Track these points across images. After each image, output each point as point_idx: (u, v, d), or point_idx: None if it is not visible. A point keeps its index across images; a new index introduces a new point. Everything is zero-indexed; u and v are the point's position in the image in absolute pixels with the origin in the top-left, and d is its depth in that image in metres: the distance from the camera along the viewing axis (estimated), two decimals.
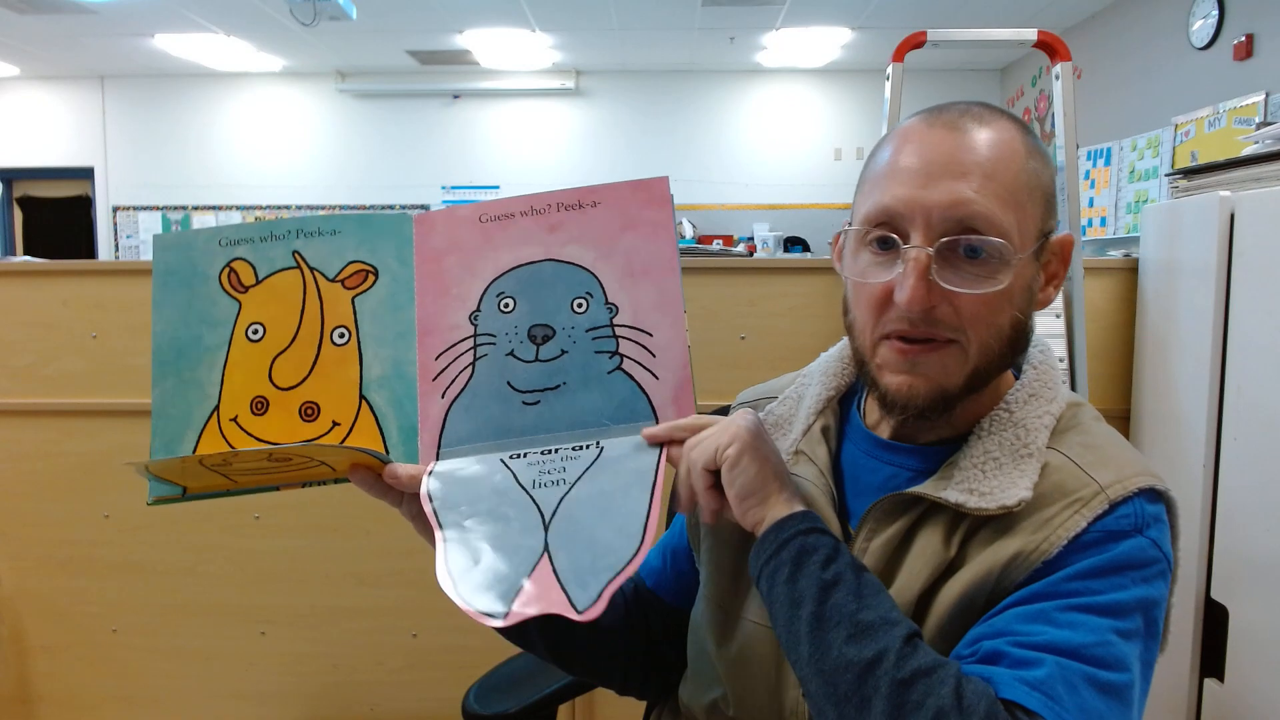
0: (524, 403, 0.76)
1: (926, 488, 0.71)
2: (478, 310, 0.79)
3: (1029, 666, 0.62)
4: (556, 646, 0.88)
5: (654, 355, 0.76)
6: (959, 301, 0.68)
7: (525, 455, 0.75)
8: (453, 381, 0.78)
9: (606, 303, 0.77)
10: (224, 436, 0.78)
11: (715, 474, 0.72)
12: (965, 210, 0.68)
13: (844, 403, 0.86)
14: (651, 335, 0.76)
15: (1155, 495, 0.69)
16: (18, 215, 8.04)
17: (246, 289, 0.80)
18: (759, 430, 0.73)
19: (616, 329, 0.77)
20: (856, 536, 0.74)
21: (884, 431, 0.80)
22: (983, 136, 0.70)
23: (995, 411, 0.74)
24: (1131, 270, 1.82)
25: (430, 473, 0.75)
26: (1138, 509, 0.67)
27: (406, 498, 0.77)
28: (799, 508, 0.71)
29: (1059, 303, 1.75)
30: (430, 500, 0.73)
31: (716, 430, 0.72)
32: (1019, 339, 0.73)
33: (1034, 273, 0.72)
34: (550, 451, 0.75)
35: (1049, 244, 0.73)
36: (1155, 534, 0.67)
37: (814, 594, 0.65)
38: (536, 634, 0.86)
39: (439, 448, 0.77)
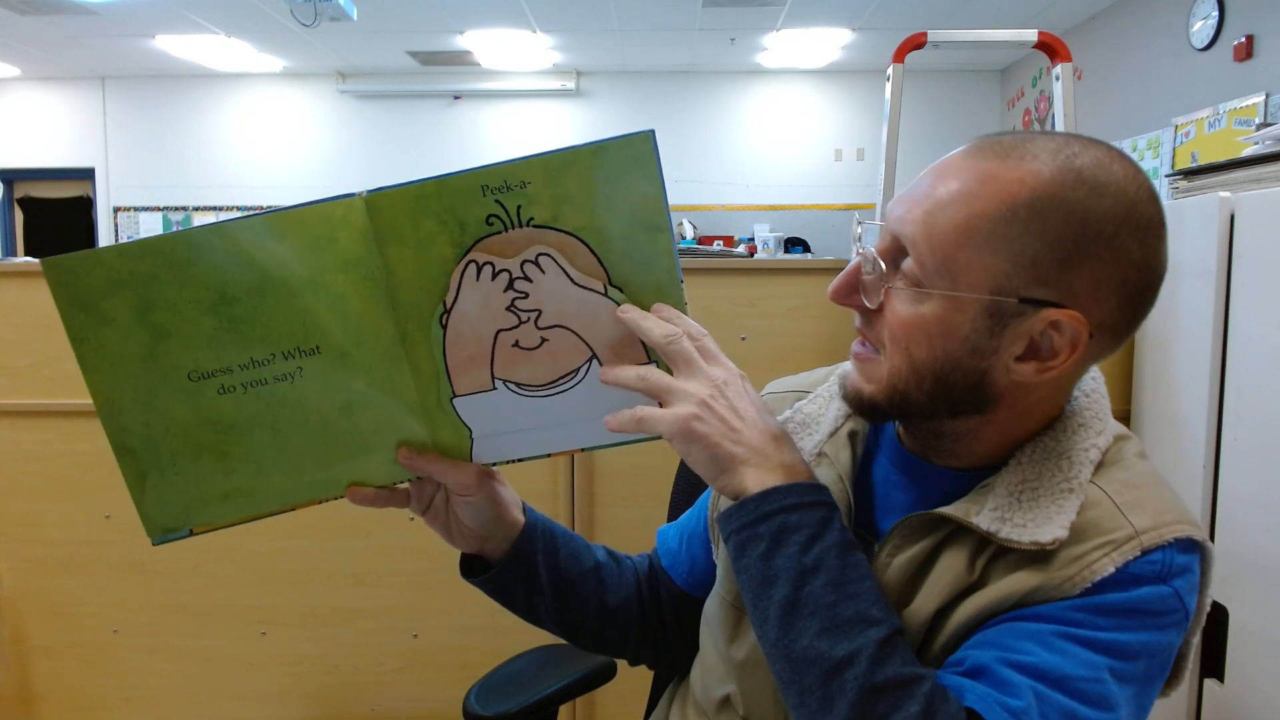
0: None
1: (956, 509, 0.68)
2: None
3: (1011, 692, 0.61)
4: (565, 619, 0.87)
5: None
6: (884, 318, 0.68)
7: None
8: None
9: None
10: None
11: None
12: (899, 229, 0.67)
13: None
14: None
15: (1189, 545, 0.66)
16: (18, 216, 8.05)
17: None
18: (711, 400, 0.68)
19: None
20: (880, 552, 0.72)
21: (912, 446, 0.76)
22: (981, 168, 0.64)
23: (1040, 438, 0.70)
24: None
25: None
26: (1167, 558, 0.65)
27: (419, 497, 0.78)
28: (781, 481, 0.66)
29: None
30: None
31: (661, 411, 0.69)
32: (956, 387, 0.66)
33: (980, 328, 0.64)
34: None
35: (1036, 315, 0.63)
36: (1179, 584, 0.65)
37: (791, 577, 0.63)
38: (546, 605, 0.85)
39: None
